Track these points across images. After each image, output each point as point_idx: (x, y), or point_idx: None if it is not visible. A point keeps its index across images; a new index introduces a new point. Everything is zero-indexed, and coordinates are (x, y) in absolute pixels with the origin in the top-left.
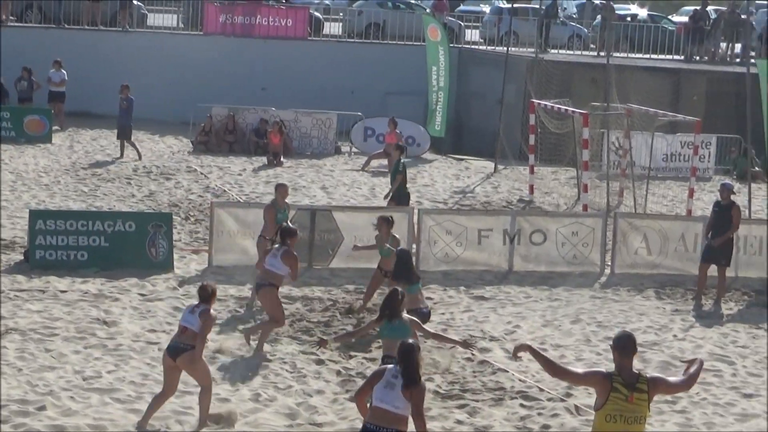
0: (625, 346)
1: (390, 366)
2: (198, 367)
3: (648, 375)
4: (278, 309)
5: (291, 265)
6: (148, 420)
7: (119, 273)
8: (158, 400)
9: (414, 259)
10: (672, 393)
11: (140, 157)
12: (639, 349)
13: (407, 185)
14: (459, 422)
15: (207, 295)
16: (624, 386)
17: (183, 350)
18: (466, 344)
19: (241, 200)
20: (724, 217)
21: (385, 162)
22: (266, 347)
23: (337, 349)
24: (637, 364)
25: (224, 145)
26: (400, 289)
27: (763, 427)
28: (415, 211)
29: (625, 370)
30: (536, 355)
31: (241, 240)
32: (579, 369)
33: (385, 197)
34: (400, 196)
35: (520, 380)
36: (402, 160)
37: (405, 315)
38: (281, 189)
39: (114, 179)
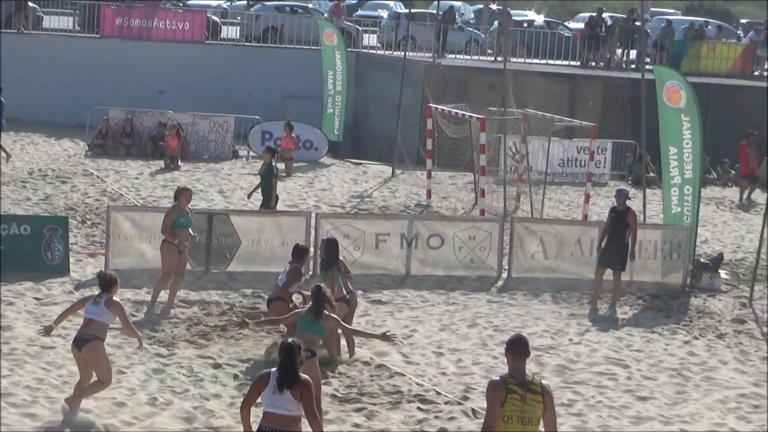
0: (518, 348)
1: (273, 369)
2: (101, 360)
3: (544, 383)
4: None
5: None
6: (77, 405)
7: (14, 277)
8: (81, 388)
9: (312, 264)
10: (546, 416)
11: (8, 159)
12: (535, 353)
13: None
14: (356, 426)
15: (106, 283)
16: (519, 387)
17: (88, 340)
18: (386, 337)
19: (138, 204)
20: (620, 222)
21: (282, 165)
22: (162, 350)
23: (235, 353)
24: (533, 368)
25: (121, 149)
26: (324, 286)
27: (658, 429)
28: (313, 215)
29: (518, 372)
30: None
31: (138, 243)
32: (488, 411)
33: (267, 206)
34: (270, 199)
35: (417, 384)
36: (273, 163)
37: (327, 313)
38: (185, 193)
39: (9, 182)
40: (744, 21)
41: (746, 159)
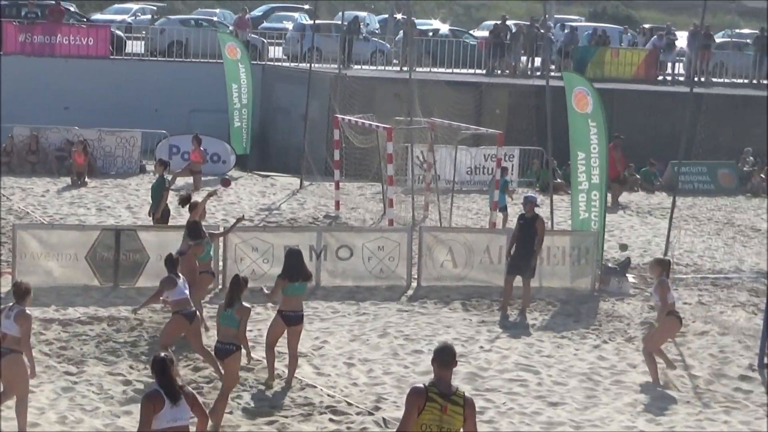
0: (444, 357)
1: (156, 387)
2: (19, 373)
3: (468, 395)
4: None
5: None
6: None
7: None
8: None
9: (221, 277)
10: (466, 428)
11: None
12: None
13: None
14: None
15: (20, 293)
16: (440, 396)
17: (3, 354)
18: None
19: (45, 222)
20: (529, 229)
21: (190, 179)
22: (72, 368)
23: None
24: None
25: (27, 166)
26: (242, 276)
27: None
28: (221, 229)
29: (442, 382)
30: None
31: (44, 262)
32: (403, 416)
33: (150, 213)
34: (163, 212)
35: (329, 395)
36: (165, 176)
37: (243, 304)
38: None
39: None
40: (647, 26)
41: (613, 162)
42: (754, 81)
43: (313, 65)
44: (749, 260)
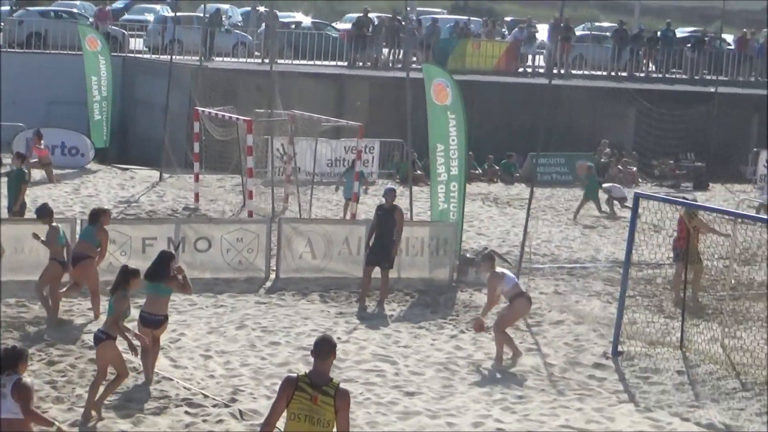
0: (319, 349)
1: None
2: None
3: (342, 387)
4: None
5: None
6: None
7: None
8: None
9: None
10: (337, 420)
11: None
12: (303, 352)
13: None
14: None
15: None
16: (310, 387)
17: None
18: (132, 346)
19: None
20: (388, 220)
21: (44, 173)
22: None
23: None
24: (301, 367)
25: None
26: (131, 267)
27: (425, 423)
28: (78, 221)
29: (317, 373)
30: None
31: None
32: (272, 404)
33: (9, 210)
34: (21, 206)
35: (185, 388)
36: (25, 169)
37: (123, 294)
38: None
39: None
40: (508, 19)
41: None
42: (612, 73)
43: (174, 57)
44: (605, 250)
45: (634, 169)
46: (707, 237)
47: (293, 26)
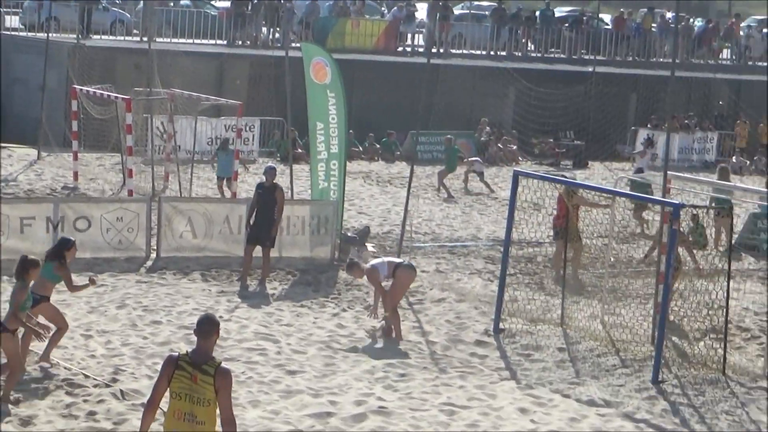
0: (201, 327)
1: None
2: None
3: (223, 366)
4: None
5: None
6: None
7: None
8: None
9: None
10: (219, 399)
11: None
12: (186, 331)
13: None
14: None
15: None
16: (190, 365)
17: None
18: (36, 333)
19: None
20: (268, 199)
21: None
22: None
23: None
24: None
25: None
26: (31, 257)
27: (308, 402)
28: None
29: (198, 352)
30: None
31: None
32: (156, 381)
33: None
34: None
35: (65, 368)
36: None
37: (22, 285)
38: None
39: None
40: None
41: None
42: (492, 53)
43: (50, 35)
44: (486, 228)
45: (514, 147)
46: (587, 215)
47: (171, 4)
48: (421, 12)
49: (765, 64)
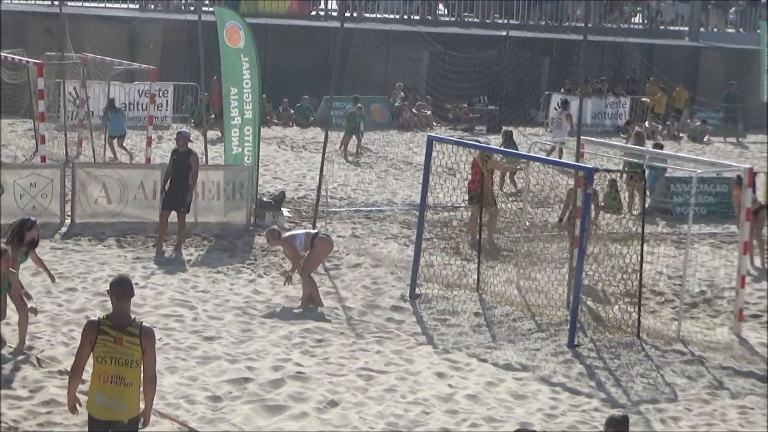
0: (119, 289)
1: None
2: None
3: (146, 325)
4: None
5: None
6: None
7: None
8: None
9: None
10: (144, 359)
11: None
12: (102, 298)
13: None
14: None
15: None
16: (113, 329)
17: None
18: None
19: None
20: (183, 164)
21: None
22: None
23: None
24: (99, 314)
25: None
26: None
27: (225, 368)
28: None
29: (118, 314)
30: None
31: None
32: (77, 351)
33: None
34: None
35: None
36: None
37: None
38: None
39: None
40: None
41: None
42: (405, 16)
43: None
44: (401, 193)
45: (428, 112)
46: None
47: None
48: None
49: (676, 28)
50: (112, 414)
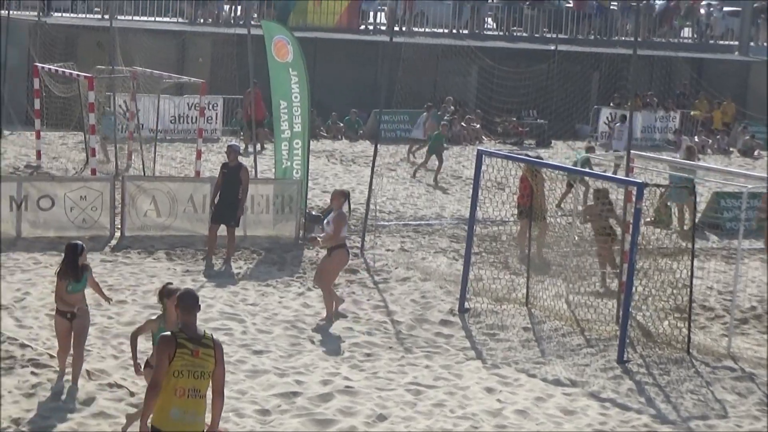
0: (187, 302)
1: None
2: None
3: (215, 337)
4: None
5: None
6: None
7: None
8: None
9: None
10: (216, 370)
11: None
12: (152, 310)
13: None
14: None
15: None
16: (189, 341)
17: None
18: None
19: None
20: (232, 178)
21: None
22: None
23: None
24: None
25: None
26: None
27: (274, 382)
28: None
29: (189, 327)
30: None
31: None
32: (156, 366)
33: None
34: None
35: (30, 348)
36: None
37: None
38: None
39: None
40: None
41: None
42: (454, 30)
43: (11, 12)
44: (450, 207)
45: (477, 126)
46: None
47: None
48: None
49: (726, 42)
50: (189, 427)
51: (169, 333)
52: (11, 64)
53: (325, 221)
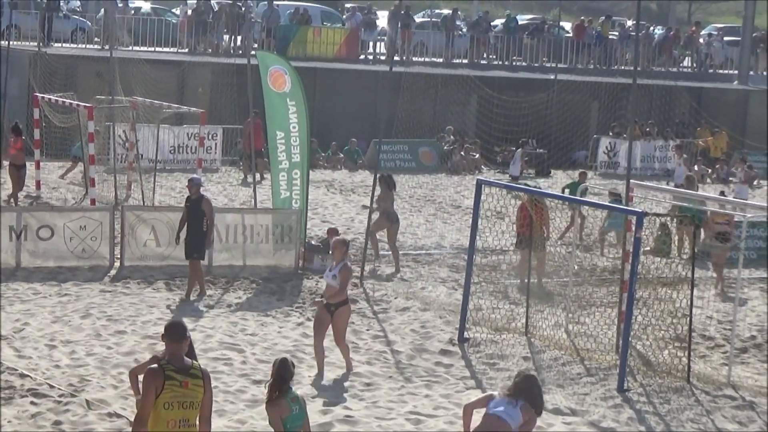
0: (173, 333)
1: None
2: None
3: (202, 367)
4: None
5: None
6: None
7: None
8: None
9: None
10: (205, 399)
11: None
12: (150, 341)
13: None
14: None
15: None
16: (177, 373)
17: None
18: None
19: None
20: (195, 211)
21: None
22: None
23: None
24: (147, 357)
25: None
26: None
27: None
28: None
29: (176, 358)
30: None
31: None
32: (142, 399)
33: None
34: None
35: (30, 378)
36: None
37: None
38: None
39: None
40: (349, 5)
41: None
42: (453, 60)
43: (11, 43)
44: (449, 236)
45: (477, 155)
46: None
47: (132, 12)
48: (383, 20)
49: (725, 71)
50: None
51: (156, 366)
52: (12, 95)
53: (331, 274)
